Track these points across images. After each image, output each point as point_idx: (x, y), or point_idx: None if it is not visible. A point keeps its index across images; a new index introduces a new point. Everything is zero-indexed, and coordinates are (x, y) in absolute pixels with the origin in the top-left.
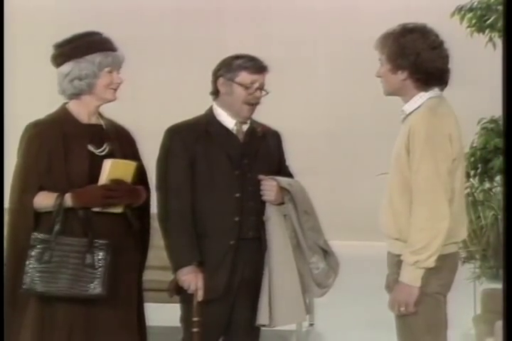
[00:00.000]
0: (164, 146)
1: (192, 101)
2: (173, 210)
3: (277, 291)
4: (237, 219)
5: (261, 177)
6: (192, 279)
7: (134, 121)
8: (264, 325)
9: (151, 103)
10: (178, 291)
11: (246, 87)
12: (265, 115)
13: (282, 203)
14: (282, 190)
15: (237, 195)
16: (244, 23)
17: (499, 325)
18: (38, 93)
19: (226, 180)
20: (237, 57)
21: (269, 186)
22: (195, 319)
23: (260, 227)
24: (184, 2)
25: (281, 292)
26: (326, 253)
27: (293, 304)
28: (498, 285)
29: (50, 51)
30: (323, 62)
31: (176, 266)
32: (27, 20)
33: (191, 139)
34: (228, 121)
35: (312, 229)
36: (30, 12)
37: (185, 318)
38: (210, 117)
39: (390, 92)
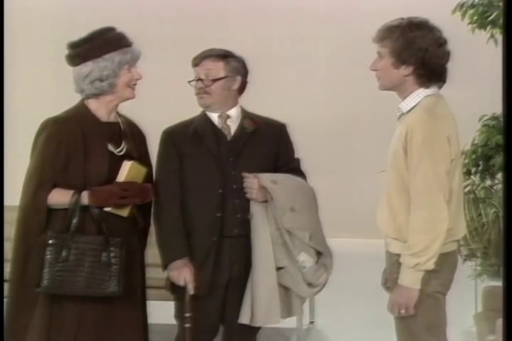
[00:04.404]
0: (159, 148)
1: (191, 101)
2: (164, 209)
3: (257, 290)
4: (219, 214)
5: (244, 174)
6: (180, 273)
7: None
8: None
9: (150, 102)
10: (172, 288)
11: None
12: (265, 113)
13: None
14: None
15: (220, 191)
16: (244, 22)
17: (500, 322)
18: (38, 92)
19: (209, 178)
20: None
21: (250, 183)
22: (187, 314)
23: (247, 225)
24: (184, 1)
25: (260, 291)
26: (319, 252)
27: (269, 304)
28: (500, 283)
29: (50, 51)
30: (323, 60)
31: (166, 262)
32: (27, 20)
33: (180, 140)
34: (212, 115)
35: (298, 228)
36: (30, 12)
37: (179, 315)
38: (201, 115)
39: (388, 87)
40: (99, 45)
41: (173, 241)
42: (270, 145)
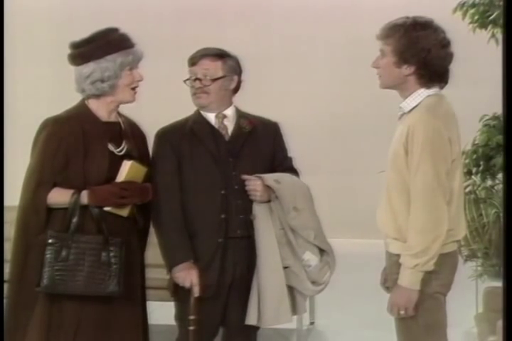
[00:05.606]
0: (153, 149)
1: (190, 101)
2: (165, 211)
3: (263, 291)
4: (223, 216)
5: (245, 176)
6: (186, 275)
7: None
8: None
9: (150, 101)
10: (175, 290)
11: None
12: (265, 113)
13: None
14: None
15: (222, 192)
16: (244, 22)
17: (501, 323)
18: (38, 92)
19: (210, 179)
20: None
21: (254, 185)
22: (191, 317)
23: (249, 226)
24: (183, 1)
25: (267, 292)
26: (322, 250)
27: (278, 304)
28: (500, 284)
29: (50, 51)
30: (323, 59)
31: (171, 264)
32: (27, 20)
33: (177, 140)
34: (209, 115)
35: (302, 226)
36: (30, 12)
37: (180, 317)
38: (196, 115)
39: (389, 86)
40: (101, 45)
41: (177, 243)
42: (267, 145)
